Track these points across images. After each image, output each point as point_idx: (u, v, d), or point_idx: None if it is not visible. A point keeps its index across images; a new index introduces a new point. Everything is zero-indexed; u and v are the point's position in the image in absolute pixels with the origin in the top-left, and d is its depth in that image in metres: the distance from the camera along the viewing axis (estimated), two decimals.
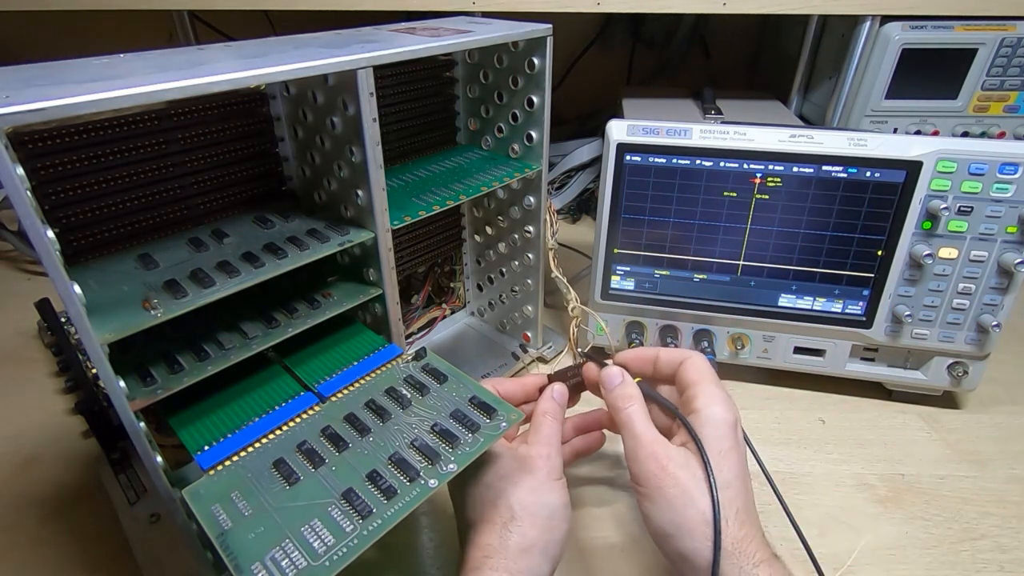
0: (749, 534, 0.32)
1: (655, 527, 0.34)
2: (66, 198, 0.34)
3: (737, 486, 0.33)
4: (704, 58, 1.09)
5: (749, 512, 0.33)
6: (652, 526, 0.34)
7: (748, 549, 0.31)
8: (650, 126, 0.50)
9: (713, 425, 0.35)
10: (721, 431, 0.34)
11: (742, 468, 0.34)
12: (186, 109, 0.37)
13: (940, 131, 0.70)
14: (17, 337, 0.65)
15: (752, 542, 0.32)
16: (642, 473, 0.34)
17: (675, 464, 0.34)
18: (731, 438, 0.35)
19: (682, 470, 0.33)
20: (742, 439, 0.36)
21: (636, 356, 0.42)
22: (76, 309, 0.26)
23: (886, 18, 0.66)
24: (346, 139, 0.37)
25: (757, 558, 0.31)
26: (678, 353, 0.40)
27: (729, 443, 0.34)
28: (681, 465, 0.34)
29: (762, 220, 0.51)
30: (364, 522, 0.28)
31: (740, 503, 0.33)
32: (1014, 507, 0.46)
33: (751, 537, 0.32)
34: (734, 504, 0.33)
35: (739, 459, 0.34)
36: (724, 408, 0.35)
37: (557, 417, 0.40)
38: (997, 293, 0.49)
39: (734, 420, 0.35)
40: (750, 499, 0.34)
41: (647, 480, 0.34)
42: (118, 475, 0.46)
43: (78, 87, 0.25)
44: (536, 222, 0.54)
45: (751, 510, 0.34)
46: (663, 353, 0.40)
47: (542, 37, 0.46)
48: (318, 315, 0.38)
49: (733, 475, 0.33)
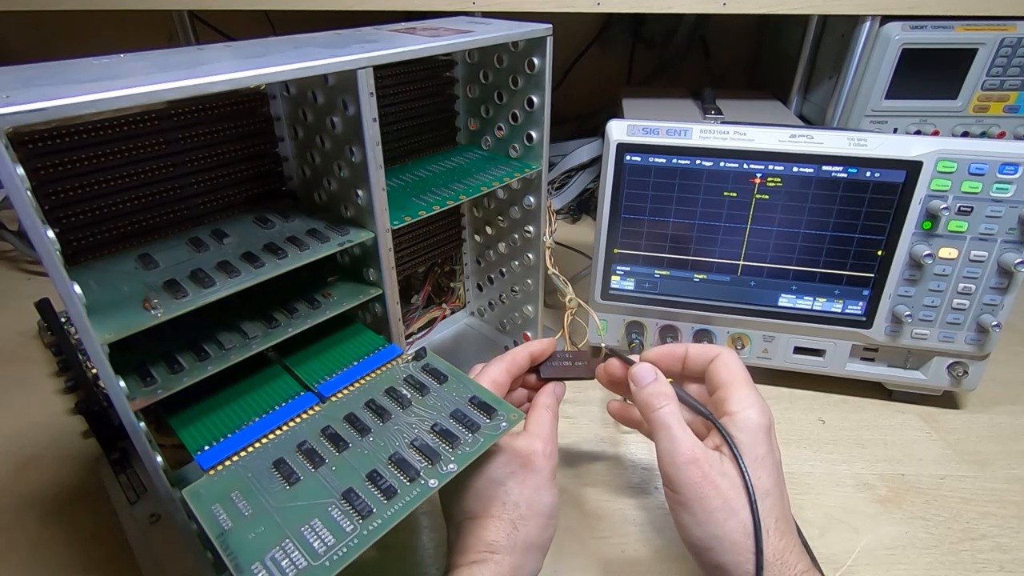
0: (789, 544, 0.31)
1: (694, 538, 0.32)
2: (66, 198, 0.34)
3: (776, 494, 0.32)
4: (704, 58, 1.09)
5: (787, 521, 0.32)
6: (690, 537, 0.32)
7: (789, 560, 0.31)
8: (650, 126, 0.50)
9: (749, 431, 0.33)
10: (757, 437, 0.33)
11: (778, 475, 0.33)
12: (186, 109, 0.37)
13: (940, 131, 0.70)
14: (17, 337, 0.65)
15: (792, 552, 0.31)
16: (681, 480, 0.32)
17: (716, 471, 0.32)
18: (766, 443, 0.33)
19: (722, 478, 0.32)
20: (776, 444, 0.34)
21: (665, 353, 0.40)
22: (76, 309, 0.26)
23: (886, 18, 0.66)
24: (346, 139, 0.37)
25: (799, 569, 0.30)
26: (708, 350, 0.38)
27: (765, 448, 0.33)
28: (721, 473, 0.32)
29: (762, 220, 0.51)
30: (364, 522, 0.28)
31: (779, 512, 0.32)
32: (1014, 507, 0.46)
33: (791, 547, 0.31)
34: (773, 513, 0.32)
35: (775, 465, 0.33)
36: (759, 412, 0.34)
37: (556, 413, 0.40)
38: (997, 293, 0.49)
39: (768, 424, 0.34)
40: (787, 507, 0.33)
41: (686, 488, 0.32)
42: (118, 475, 0.46)
43: (78, 87, 0.25)
44: (536, 222, 0.54)
45: (789, 518, 0.33)
46: (692, 350, 0.39)
47: (542, 37, 0.46)
48: (318, 315, 0.38)
49: (771, 483, 0.32)
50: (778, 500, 0.32)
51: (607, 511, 0.46)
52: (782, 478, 0.34)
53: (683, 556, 0.42)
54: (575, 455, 0.51)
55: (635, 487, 0.48)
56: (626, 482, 0.48)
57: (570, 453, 0.51)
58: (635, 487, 0.48)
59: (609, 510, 0.46)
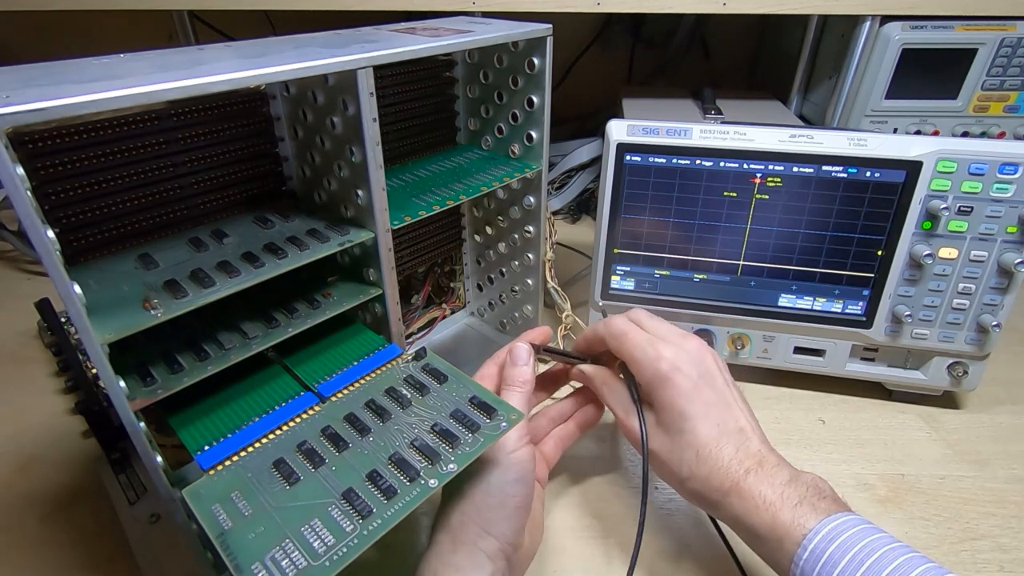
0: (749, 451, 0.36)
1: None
2: (66, 198, 0.34)
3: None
4: (704, 58, 1.09)
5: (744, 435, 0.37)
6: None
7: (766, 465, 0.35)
8: (650, 126, 0.50)
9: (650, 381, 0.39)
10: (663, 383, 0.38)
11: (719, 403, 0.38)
12: (186, 109, 0.37)
13: (940, 131, 0.70)
14: (17, 337, 0.65)
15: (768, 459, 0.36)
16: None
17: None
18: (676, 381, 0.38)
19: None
20: (710, 369, 0.39)
21: (584, 337, 0.45)
22: (76, 309, 0.26)
23: (886, 18, 0.66)
24: (346, 139, 0.37)
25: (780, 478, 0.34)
26: (594, 332, 0.44)
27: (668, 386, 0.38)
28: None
29: (762, 220, 0.51)
30: (364, 522, 0.28)
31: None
32: (1014, 507, 0.46)
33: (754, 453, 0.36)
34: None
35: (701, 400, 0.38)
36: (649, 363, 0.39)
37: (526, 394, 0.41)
38: (997, 293, 0.49)
39: (667, 369, 0.38)
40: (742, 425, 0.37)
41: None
42: (118, 475, 0.46)
43: (78, 87, 0.25)
44: (536, 222, 0.54)
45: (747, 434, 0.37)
46: (587, 333, 0.45)
47: (542, 37, 0.46)
48: (318, 315, 0.38)
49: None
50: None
51: (606, 511, 0.46)
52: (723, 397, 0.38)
53: (683, 556, 0.42)
54: (574, 456, 0.51)
55: (635, 487, 0.48)
56: (626, 482, 0.48)
57: (569, 454, 0.51)
58: (635, 487, 0.48)
59: (609, 510, 0.46)
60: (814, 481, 0.34)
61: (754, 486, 0.33)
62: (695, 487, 0.36)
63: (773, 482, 0.34)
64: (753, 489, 0.33)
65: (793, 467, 0.35)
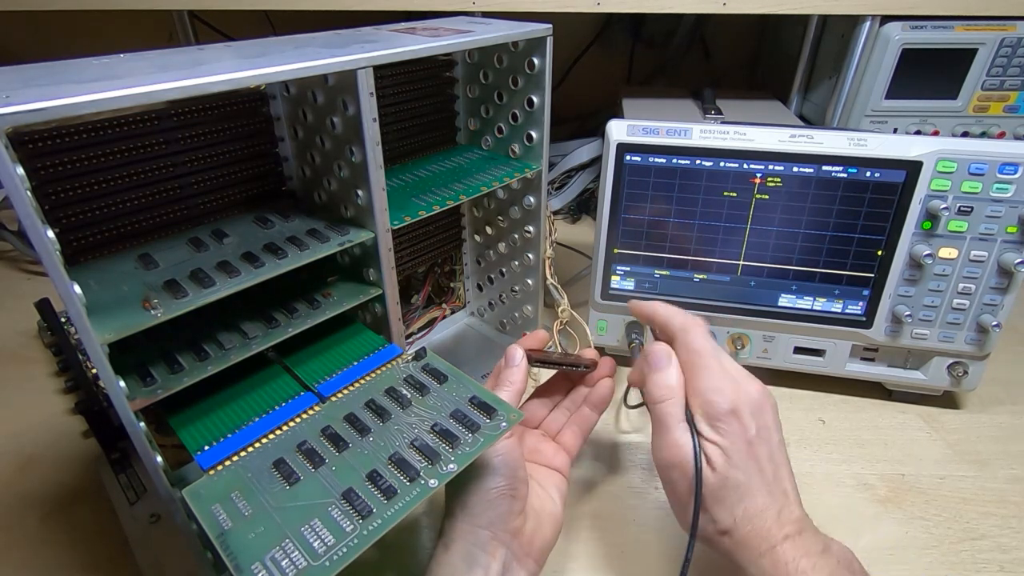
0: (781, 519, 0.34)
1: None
2: (66, 198, 0.34)
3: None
4: (704, 58, 1.09)
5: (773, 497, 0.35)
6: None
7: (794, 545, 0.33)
8: (650, 126, 0.50)
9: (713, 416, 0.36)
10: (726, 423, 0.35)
11: (754, 461, 0.35)
12: (186, 109, 0.37)
13: (940, 131, 0.70)
14: (17, 337, 0.65)
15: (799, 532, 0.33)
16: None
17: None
18: (733, 427, 0.35)
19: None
20: (764, 423, 0.35)
21: (642, 313, 0.42)
22: (76, 309, 0.26)
23: (886, 18, 0.66)
24: (346, 139, 0.37)
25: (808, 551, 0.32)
26: (670, 324, 0.40)
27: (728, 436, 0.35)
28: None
29: (762, 220, 0.51)
30: (364, 522, 0.28)
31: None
32: (1014, 507, 0.46)
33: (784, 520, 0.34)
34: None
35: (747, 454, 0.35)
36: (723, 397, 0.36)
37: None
38: (997, 293, 0.49)
39: (732, 407, 0.35)
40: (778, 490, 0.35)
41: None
42: (118, 475, 0.46)
43: (78, 87, 0.25)
44: (536, 222, 0.54)
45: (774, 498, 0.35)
46: (658, 317, 0.41)
47: (542, 37, 0.46)
48: (318, 315, 0.38)
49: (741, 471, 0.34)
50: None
51: (607, 511, 0.46)
52: (765, 463, 0.34)
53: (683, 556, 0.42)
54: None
55: (635, 487, 0.48)
56: (626, 482, 0.48)
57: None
58: (635, 487, 0.48)
59: (609, 510, 0.46)
60: (843, 554, 0.33)
61: (789, 552, 0.32)
62: (728, 544, 0.34)
63: (809, 551, 0.32)
64: (788, 555, 0.32)
65: (822, 534, 0.34)
